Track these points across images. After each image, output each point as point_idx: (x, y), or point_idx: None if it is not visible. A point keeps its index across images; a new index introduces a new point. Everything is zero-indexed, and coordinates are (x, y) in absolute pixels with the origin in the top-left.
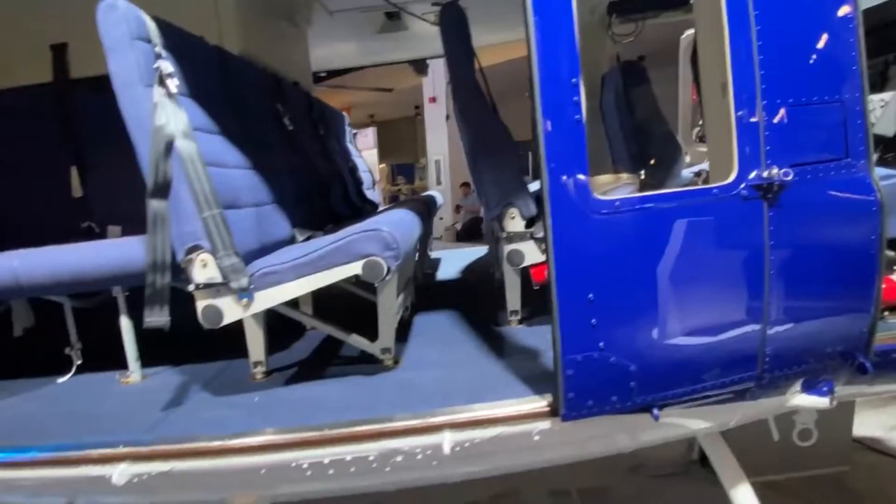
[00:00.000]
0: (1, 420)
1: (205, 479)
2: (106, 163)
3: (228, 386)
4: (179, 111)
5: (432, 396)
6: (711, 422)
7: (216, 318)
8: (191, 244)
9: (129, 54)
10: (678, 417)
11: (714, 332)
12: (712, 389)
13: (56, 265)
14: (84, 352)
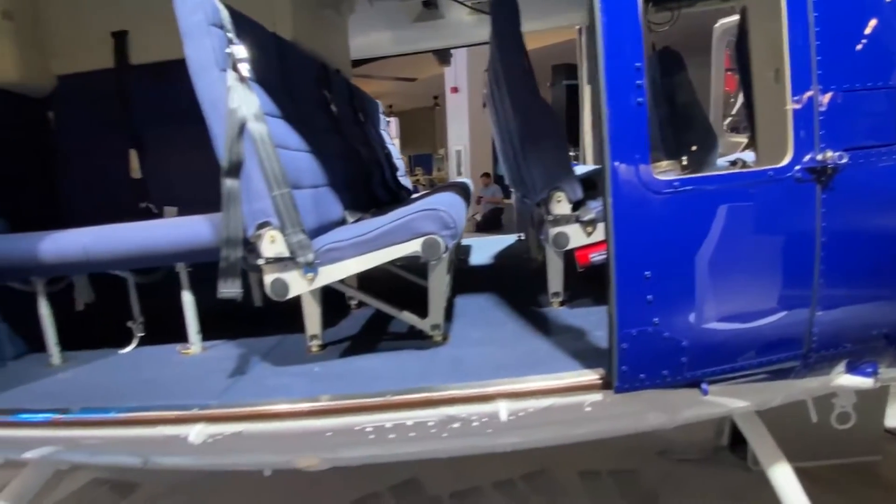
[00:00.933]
0: (75, 386)
1: (273, 441)
2: (162, 146)
3: (286, 358)
4: (250, 95)
5: (484, 370)
6: (756, 399)
7: (283, 290)
8: (261, 221)
9: (204, 40)
10: (725, 394)
11: (764, 310)
12: (759, 367)
13: (124, 242)
14: (143, 325)
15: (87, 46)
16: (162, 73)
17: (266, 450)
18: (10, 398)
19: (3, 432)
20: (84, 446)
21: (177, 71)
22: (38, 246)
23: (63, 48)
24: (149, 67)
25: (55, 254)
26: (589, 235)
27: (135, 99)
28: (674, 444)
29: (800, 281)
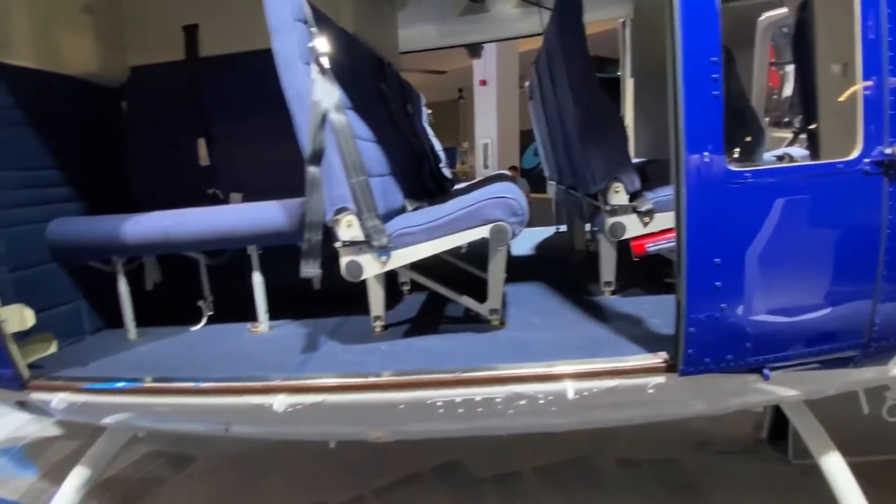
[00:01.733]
0: (155, 358)
1: (349, 412)
2: (229, 135)
3: (352, 336)
4: (332, 87)
5: (547, 352)
6: (812, 387)
7: (357, 272)
8: (339, 206)
9: (291, 34)
10: (783, 381)
11: (827, 300)
12: (818, 355)
13: (203, 225)
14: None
15: (159, 39)
16: (229, 64)
17: (341, 420)
18: (96, 368)
19: (94, 398)
20: (170, 413)
21: (243, 63)
22: (121, 228)
23: (137, 41)
24: (217, 59)
25: (137, 235)
26: (645, 226)
27: (203, 90)
28: (713, 437)
29: (864, 272)
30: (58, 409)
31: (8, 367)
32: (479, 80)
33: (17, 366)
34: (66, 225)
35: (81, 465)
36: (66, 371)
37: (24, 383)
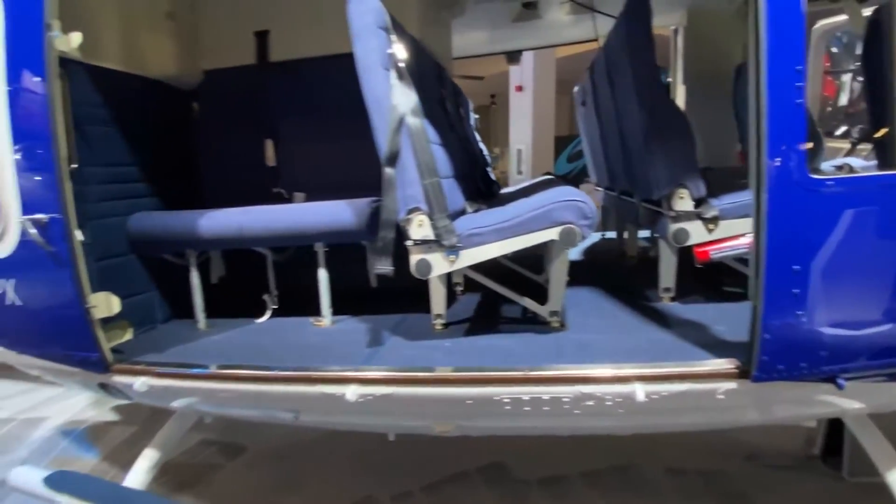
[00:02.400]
0: (228, 346)
1: (417, 405)
2: (293, 136)
3: (413, 333)
4: (409, 92)
5: (610, 355)
6: (883, 399)
7: (426, 270)
8: (412, 206)
9: (372, 40)
10: (853, 391)
11: None
12: (891, 367)
13: (275, 222)
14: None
15: (231, 45)
16: (297, 69)
17: (409, 413)
18: (173, 354)
19: (173, 383)
20: (243, 400)
21: (309, 68)
22: (198, 223)
23: (210, 46)
24: (285, 64)
25: (213, 230)
26: (710, 232)
27: (272, 93)
28: (762, 450)
29: None
30: (139, 391)
31: (94, 350)
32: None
33: (102, 350)
34: (145, 219)
35: (151, 447)
36: (145, 356)
37: (108, 366)
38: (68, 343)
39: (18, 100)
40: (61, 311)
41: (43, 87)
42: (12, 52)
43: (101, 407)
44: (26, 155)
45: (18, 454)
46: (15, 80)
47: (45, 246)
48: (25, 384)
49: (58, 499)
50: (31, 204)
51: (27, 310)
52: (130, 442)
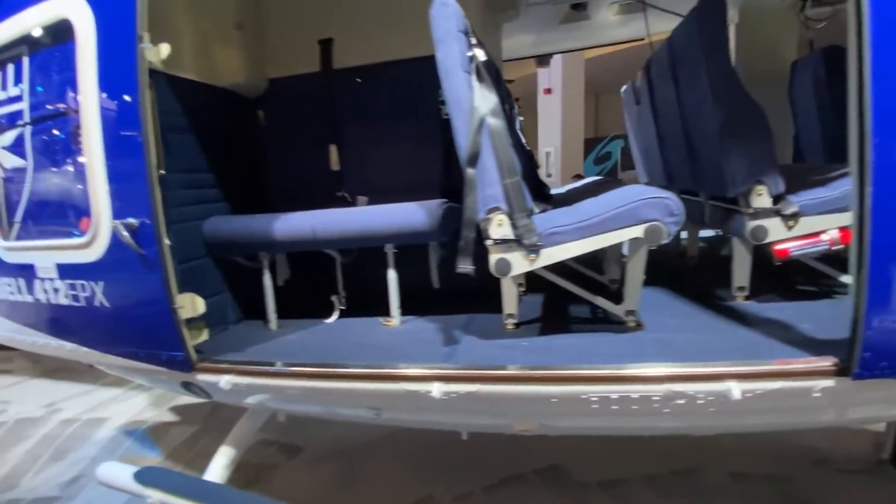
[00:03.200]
0: (303, 345)
1: (501, 403)
2: (357, 141)
3: (486, 332)
4: (489, 94)
5: (694, 354)
6: None
7: (505, 269)
8: (491, 206)
9: (454, 44)
10: None
11: None
12: None
13: (347, 224)
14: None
15: (296, 53)
16: (360, 75)
17: (491, 411)
18: (252, 353)
19: (257, 381)
20: (327, 397)
21: (371, 74)
22: (272, 226)
23: (275, 54)
24: (349, 71)
25: (287, 233)
26: (790, 230)
27: (336, 99)
28: (829, 455)
29: None
30: (224, 389)
31: (180, 350)
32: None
33: (187, 349)
34: (221, 223)
35: (226, 444)
36: (225, 355)
37: (193, 365)
38: (154, 343)
39: (110, 109)
40: (149, 312)
41: (134, 97)
42: (104, 62)
43: (159, 408)
44: (118, 162)
45: (85, 453)
46: (107, 90)
47: (136, 249)
48: (85, 385)
49: (148, 494)
50: (122, 209)
51: (114, 311)
52: (191, 441)
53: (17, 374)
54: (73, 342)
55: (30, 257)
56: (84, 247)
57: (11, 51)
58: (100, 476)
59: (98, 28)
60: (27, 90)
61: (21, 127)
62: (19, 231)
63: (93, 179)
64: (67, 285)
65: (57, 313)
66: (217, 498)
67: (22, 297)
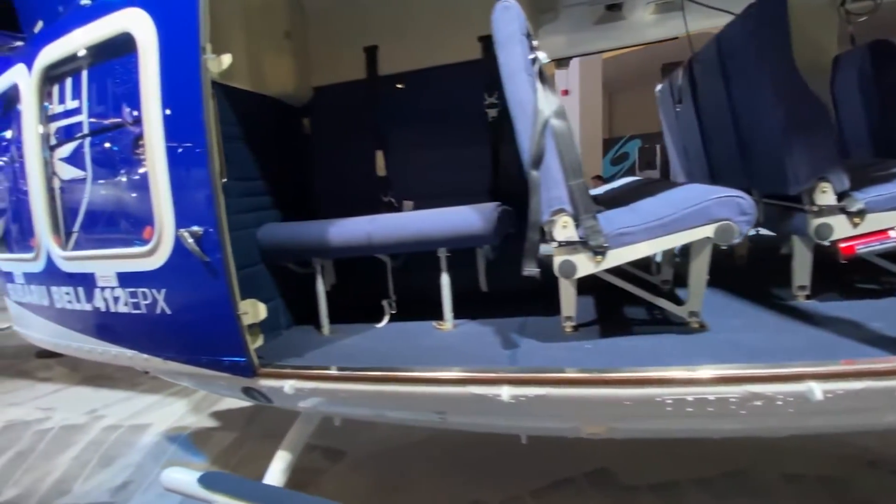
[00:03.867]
0: (361, 350)
1: (571, 406)
2: (403, 147)
3: (544, 335)
4: (552, 95)
5: (770, 355)
6: None
7: (570, 271)
8: (556, 208)
9: (517, 47)
10: None
11: None
12: None
13: (401, 229)
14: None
15: (341, 60)
16: (404, 82)
17: (560, 414)
18: (311, 358)
19: (321, 385)
20: (391, 401)
21: (415, 80)
22: (326, 232)
23: (321, 63)
24: (394, 77)
25: (342, 239)
26: (855, 227)
27: (381, 105)
28: (883, 456)
29: None
30: (287, 394)
31: (243, 355)
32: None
33: (250, 355)
34: (275, 230)
35: (283, 449)
36: (284, 360)
37: (255, 371)
38: (217, 349)
39: (174, 119)
40: (212, 319)
41: (198, 107)
42: (167, 74)
43: (199, 414)
44: (182, 172)
45: (132, 459)
46: (170, 101)
47: (201, 256)
48: (124, 392)
49: (214, 498)
50: (185, 217)
51: (176, 318)
52: (234, 446)
53: (57, 382)
54: (133, 349)
55: (89, 266)
56: (147, 255)
57: (70, 64)
58: (164, 481)
59: (160, 40)
60: (86, 103)
61: (80, 139)
62: (77, 241)
63: (156, 189)
64: (128, 293)
65: (117, 321)
66: (286, 503)
67: (80, 306)
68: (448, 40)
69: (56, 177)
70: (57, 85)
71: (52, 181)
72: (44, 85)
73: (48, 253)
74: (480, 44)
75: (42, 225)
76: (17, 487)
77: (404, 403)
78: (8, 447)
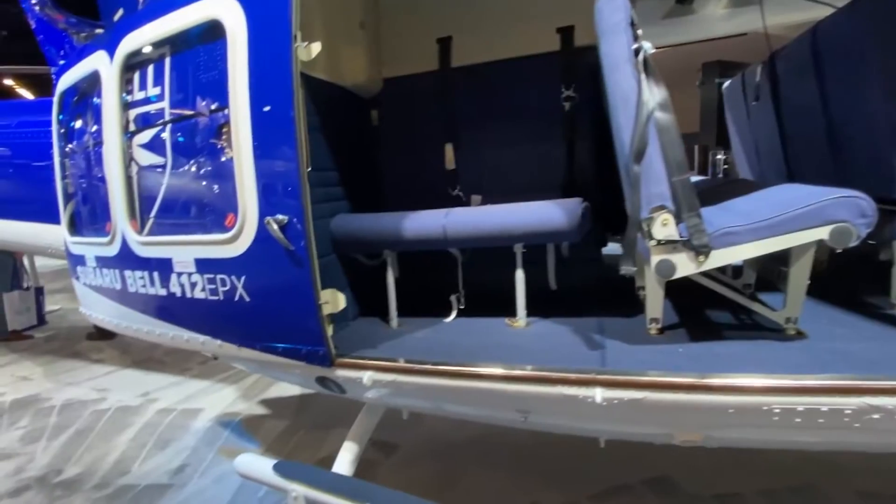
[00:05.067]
0: (433, 345)
1: (670, 412)
2: (473, 140)
3: (628, 337)
4: (657, 87)
5: (885, 366)
6: None
7: (669, 271)
8: (656, 204)
9: (621, 37)
10: None
11: None
12: None
13: (479, 223)
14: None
15: (413, 52)
16: (477, 74)
17: (654, 420)
18: (385, 350)
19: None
20: (468, 397)
21: (488, 73)
22: (401, 224)
23: (392, 54)
24: (466, 69)
25: (416, 231)
26: None
27: (453, 98)
28: None
29: None
30: (366, 385)
31: (321, 345)
32: None
33: (329, 345)
34: (348, 221)
35: (350, 440)
36: (362, 351)
37: (333, 361)
38: (295, 338)
39: (262, 107)
40: (292, 307)
41: (288, 96)
42: (256, 62)
43: (249, 400)
44: (269, 160)
45: (186, 443)
46: (259, 89)
47: (286, 245)
48: (173, 377)
49: (290, 486)
50: (270, 205)
51: (255, 305)
52: (286, 434)
53: (109, 364)
54: (205, 335)
55: (166, 252)
56: (228, 242)
57: (154, 51)
58: (238, 467)
59: (250, 28)
60: (168, 90)
61: (161, 125)
62: (154, 226)
63: (241, 177)
64: (206, 279)
65: (192, 306)
66: (364, 494)
67: (154, 290)
68: (525, 32)
69: (134, 163)
70: (138, 72)
71: (130, 167)
72: (125, 72)
73: (123, 237)
74: (559, 35)
75: (119, 210)
76: (80, 466)
77: (488, 401)
78: (68, 425)
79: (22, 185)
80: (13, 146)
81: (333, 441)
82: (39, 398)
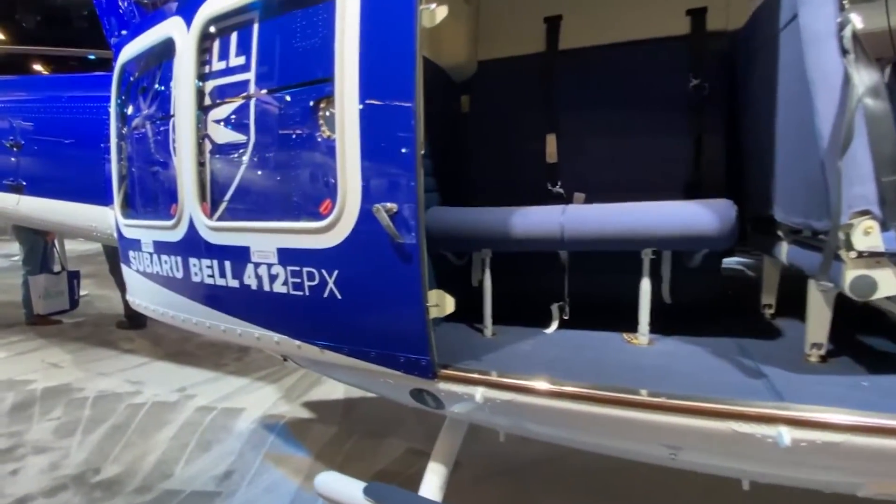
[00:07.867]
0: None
1: (869, 459)
2: (580, 132)
3: (786, 364)
4: (866, 68)
5: None
6: None
7: (868, 290)
8: (859, 209)
9: (824, 7)
10: None
11: None
12: None
13: (604, 223)
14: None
15: (515, 31)
16: (588, 58)
17: (851, 467)
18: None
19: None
20: (601, 425)
21: (601, 57)
22: (508, 221)
23: (490, 34)
24: (576, 52)
25: (526, 229)
26: None
27: (559, 84)
28: None
29: None
30: (478, 403)
31: (425, 353)
32: None
33: (433, 354)
34: (442, 214)
35: (434, 461)
36: (468, 364)
37: (436, 373)
38: (394, 343)
39: (375, 79)
40: (393, 309)
41: (409, 67)
42: (369, 26)
43: (291, 402)
44: (379, 139)
45: (231, 445)
46: (373, 58)
47: (395, 237)
48: (209, 372)
49: None
50: (376, 192)
51: (348, 304)
52: (335, 442)
53: (141, 354)
54: (282, 334)
55: (243, 239)
56: (321, 231)
57: (241, 17)
58: (320, 488)
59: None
60: (255, 59)
61: (244, 99)
62: (229, 211)
63: (343, 158)
64: (290, 272)
65: (270, 301)
66: None
67: (224, 281)
68: (648, 13)
69: (208, 140)
70: (219, 40)
71: (203, 145)
72: (203, 40)
73: (191, 221)
74: (689, 17)
75: (188, 191)
76: (119, 465)
77: (630, 433)
78: (103, 419)
79: (70, 163)
80: (61, 121)
81: (388, 451)
82: (71, 388)
